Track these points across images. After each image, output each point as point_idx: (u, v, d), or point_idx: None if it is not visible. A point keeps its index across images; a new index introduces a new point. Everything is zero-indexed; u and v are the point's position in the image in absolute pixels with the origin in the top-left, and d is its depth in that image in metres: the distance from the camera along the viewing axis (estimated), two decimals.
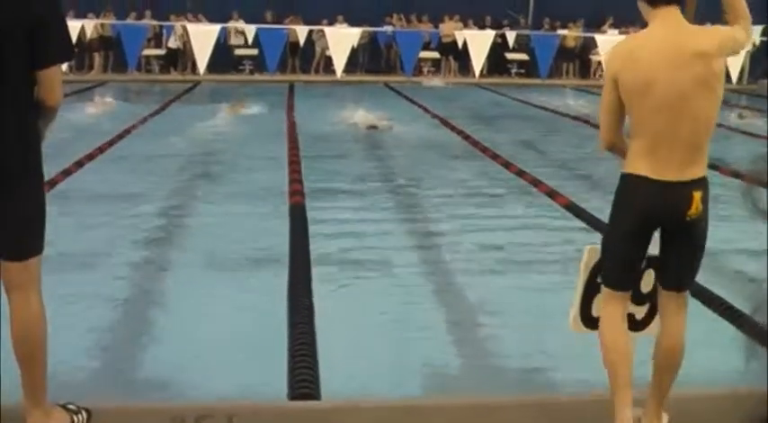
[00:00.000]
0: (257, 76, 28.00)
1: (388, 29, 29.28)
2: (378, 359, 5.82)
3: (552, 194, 10.67)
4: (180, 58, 28.43)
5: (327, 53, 27.80)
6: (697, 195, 3.99)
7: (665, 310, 4.28)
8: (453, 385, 5.50)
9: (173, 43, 28.07)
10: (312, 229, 8.74)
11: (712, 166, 11.40)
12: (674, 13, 4.06)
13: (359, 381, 5.32)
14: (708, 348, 5.84)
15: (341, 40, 26.27)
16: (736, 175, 11.97)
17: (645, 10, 4.14)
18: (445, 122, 17.93)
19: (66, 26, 3.95)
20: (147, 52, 28.22)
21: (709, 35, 4.04)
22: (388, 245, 8.60)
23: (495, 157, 13.58)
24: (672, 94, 3.93)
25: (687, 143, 3.97)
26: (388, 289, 7.26)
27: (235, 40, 28.62)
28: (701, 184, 4.04)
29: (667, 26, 4.04)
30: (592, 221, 9.03)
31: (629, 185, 4.10)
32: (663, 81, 3.93)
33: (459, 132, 16.48)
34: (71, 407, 4.18)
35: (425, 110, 20.10)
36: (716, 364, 5.51)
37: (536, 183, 11.41)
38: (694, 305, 6.40)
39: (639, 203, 4.06)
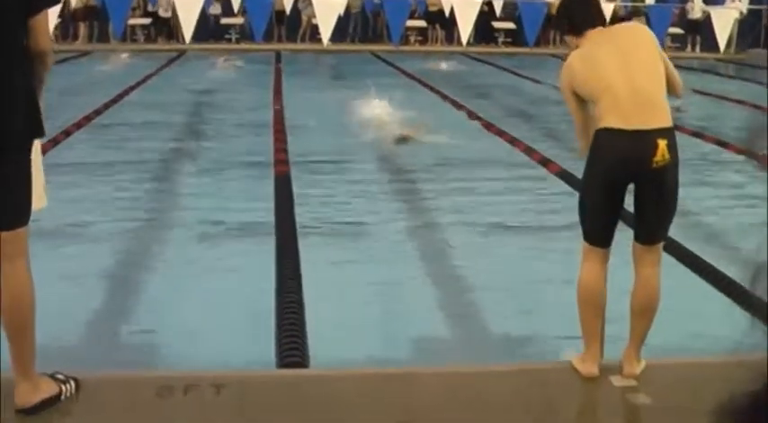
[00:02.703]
0: (243, 45, 27.86)
1: None
2: (366, 327, 5.84)
3: (544, 162, 10.68)
4: (164, 26, 28.24)
5: (314, 21, 27.68)
6: (662, 143, 4.23)
7: (639, 264, 4.51)
8: (440, 353, 5.52)
9: (163, 12, 27.81)
10: (298, 198, 8.74)
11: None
12: (600, 29, 4.55)
13: (347, 349, 5.34)
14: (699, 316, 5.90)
15: (327, 8, 26.15)
16: (721, 143, 12.04)
17: (573, 41, 4.59)
18: (434, 90, 17.93)
19: None
20: (132, 21, 28.03)
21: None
22: (376, 214, 8.59)
23: (488, 126, 13.57)
24: (621, 53, 4.37)
25: (645, 91, 4.29)
26: (376, 257, 7.27)
27: (213, 10, 28.34)
28: (667, 132, 4.28)
29: (599, 34, 4.53)
30: None
31: (601, 139, 4.36)
32: (610, 48, 4.40)
33: (453, 101, 16.48)
34: (59, 376, 4.18)
35: (409, 76, 20.09)
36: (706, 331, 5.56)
37: (528, 151, 11.42)
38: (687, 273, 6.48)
39: (610, 154, 4.32)
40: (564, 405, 4.49)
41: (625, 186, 4.37)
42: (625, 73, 4.29)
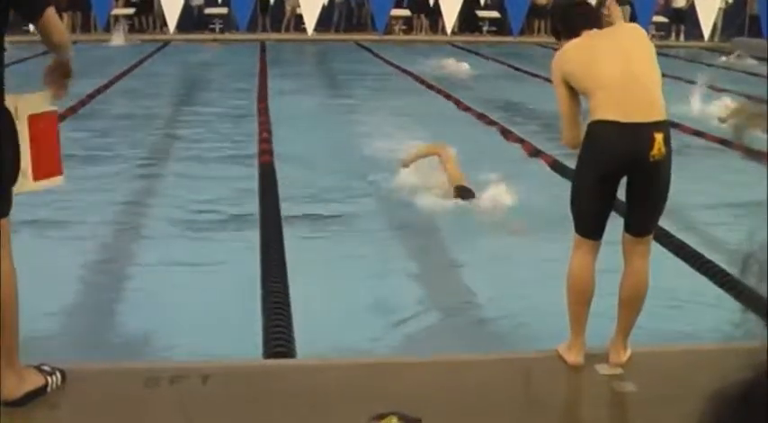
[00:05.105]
0: (227, 35, 27.77)
1: None
2: (352, 317, 5.83)
3: (536, 153, 10.67)
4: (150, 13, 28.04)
5: (298, 11, 27.61)
6: (658, 136, 4.21)
7: (629, 255, 4.51)
8: (427, 342, 5.52)
9: None
10: (283, 188, 8.72)
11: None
12: (594, 30, 4.53)
13: (333, 339, 5.34)
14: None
15: None
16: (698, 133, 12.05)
17: (565, 44, 4.56)
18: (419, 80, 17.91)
19: None
20: (115, 11, 27.89)
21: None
22: (363, 204, 8.57)
23: (480, 116, 13.55)
24: (619, 48, 4.36)
25: (642, 84, 4.29)
26: (362, 247, 7.25)
27: (197, 1, 28.16)
28: (663, 126, 4.26)
29: (595, 32, 4.51)
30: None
31: (596, 131, 4.33)
32: (609, 42, 4.40)
33: (439, 91, 16.46)
34: (45, 368, 4.16)
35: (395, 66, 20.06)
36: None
37: (520, 141, 11.42)
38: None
39: (606, 147, 4.29)
40: (550, 393, 4.50)
41: (619, 179, 4.35)
42: (623, 66, 4.27)
